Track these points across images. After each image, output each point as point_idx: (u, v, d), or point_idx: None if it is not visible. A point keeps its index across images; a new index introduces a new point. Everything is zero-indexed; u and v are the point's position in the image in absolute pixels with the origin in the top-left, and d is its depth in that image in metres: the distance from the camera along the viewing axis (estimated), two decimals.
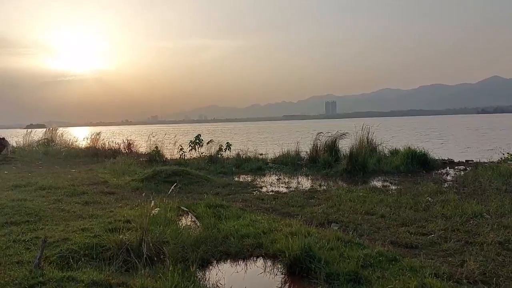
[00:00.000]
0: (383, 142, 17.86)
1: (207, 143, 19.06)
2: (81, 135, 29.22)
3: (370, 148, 16.63)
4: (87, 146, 22.34)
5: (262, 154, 20.02)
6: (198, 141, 19.18)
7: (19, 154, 20.41)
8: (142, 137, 42.92)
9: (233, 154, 18.98)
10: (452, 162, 15.87)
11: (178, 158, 18.75)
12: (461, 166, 14.99)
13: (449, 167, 14.86)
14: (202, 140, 19.37)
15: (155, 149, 18.84)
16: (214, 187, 11.78)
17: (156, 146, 18.99)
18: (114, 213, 7.88)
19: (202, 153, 19.05)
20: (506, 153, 13.63)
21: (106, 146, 22.31)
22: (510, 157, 13.23)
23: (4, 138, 20.63)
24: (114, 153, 21.51)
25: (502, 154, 13.86)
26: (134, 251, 5.54)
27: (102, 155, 20.83)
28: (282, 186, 12.08)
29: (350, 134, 17.42)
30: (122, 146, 22.62)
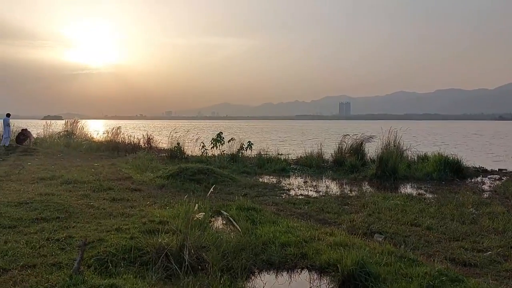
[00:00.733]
0: (411, 147, 17.33)
1: (228, 141, 18.74)
2: (98, 128, 29.21)
3: (398, 152, 16.15)
4: (108, 139, 22.19)
5: (282, 154, 19.70)
6: (219, 139, 18.87)
7: (41, 145, 20.35)
8: (158, 132, 42.94)
9: (254, 153, 18.66)
10: (485, 171, 15.31)
11: (199, 155, 18.48)
12: (495, 175, 14.43)
13: (482, 176, 14.30)
14: (223, 138, 19.06)
15: (177, 145, 18.58)
16: (240, 188, 11.45)
17: (178, 143, 18.73)
18: (146, 212, 7.58)
19: (223, 151, 18.75)
20: None
21: (126, 140, 22.16)
22: None
23: (26, 129, 20.60)
24: (134, 147, 21.37)
25: None
26: (174, 257, 5.21)
27: (122, 150, 20.71)
28: (310, 190, 11.69)
29: (376, 137, 17.00)
30: (142, 141, 22.48)
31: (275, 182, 13.07)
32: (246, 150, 18.40)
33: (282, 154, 19.37)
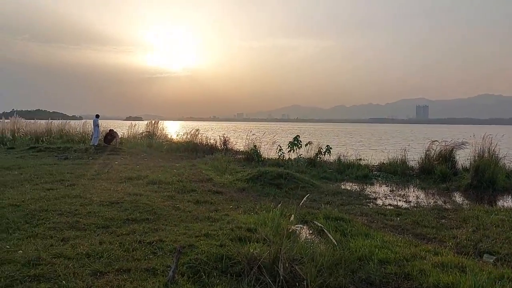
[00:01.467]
0: (507, 154, 15.72)
1: (306, 145, 18.29)
2: (175, 129, 30.14)
3: (494, 161, 14.70)
4: (187, 141, 22.75)
5: (363, 160, 18.85)
6: (296, 142, 18.48)
7: (125, 145, 21.33)
8: (233, 133, 43.55)
9: (332, 158, 18.05)
10: None
11: (276, 158, 18.24)
12: None
13: None
14: (301, 141, 18.64)
15: (254, 147, 18.50)
16: (323, 195, 10.98)
17: (254, 145, 18.66)
18: (231, 217, 7.40)
19: (300, 155, 18.36)
20: None
21: (204, 142, 22.58)
22: None
23: (113, 129, 21.72)
24: (211, 149, 21.71)
25: None
26: (267, 269, 4.91)
27: (200, 151, 21.10)
28: (399, 200, 10.92)
29: (469, 144, 15.67)
30: (218, 143, 22.79)
31: (359, 189, 12.42)
32: (325, 154, 17.84)
33: (362, 160, 18.57)
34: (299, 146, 18.42)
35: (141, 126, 27.83)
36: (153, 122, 27.18)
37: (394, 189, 12.69)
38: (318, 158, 17.60)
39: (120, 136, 23.82)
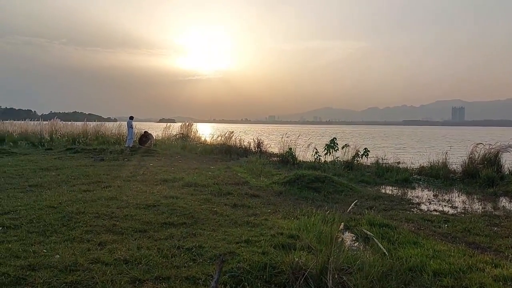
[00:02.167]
0: None
1: (342, 148, 17.80)
2: (207, 131, 30.15)
3: None
4: (221, 143, 22.65)
5: (402, 163, 18.20)
6: (333, 144, 18.00)
7: (160, 147, 21.41)
8: (266, 135, 43.31)
9: (370, 161, 17.49)
10: None
11: (312, 161, 17.84)
12: None
13: None
14: (337, 144, 18.16)
15: (289, 150, 18.17)
16: (363, 199, 10.53)
17: (289, 148, 18.32)
18: (271, 223, 7.10)
19: (336, 157, 17.89)
20: None
21: (238, 144, 22.43)
22: None
23: (147, 131, 21.88)
24: (245, 151, 21.53)
25: None
26: (314, 280, 4.59)
27: (234, 153, 20.96)
28: (444, 205, 10.33)
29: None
30: (252, 145, 22.58)
31: (400, 194, 11.87)
32: (362, 157, 17.30)
33: (401, 163, 17.88)
34: (336, 148, 17.95)
35: (174, 128, 27.99)
36: (187, 124, 27.28)
37: (437, 193, 12.06)
38: (356, 161, 17.08)
39: (154, 138, 24.01)
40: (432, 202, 10.79)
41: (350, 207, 5.43)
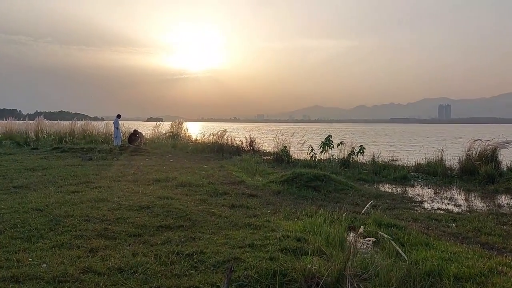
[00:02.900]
0: None
1: (337, 145, 17.46)
2: (197, 130, 29.61)
3: None
4: (212, 141, 22.14)
5: (396, 160, 17.96)
6: (328, 142, 17.64)
7: (150, 146, 20.84)
8: (256, 134, 42.85)
9: (366, 159, 17.16)
10: None
11: (307, 159, 17.45)
12: None
13: None
14: (332, 141, 17.81)
15: (284, 148, 17.77)
16: (364, 198, 10.18)
17: (284, 146, 17.92)
18: (274, 224, 6.67)
19: (332, 155, 17.55)
20: None
21: (230, 143, 21.97)
22: None
23: (137, 130, 21.29)
24: (237, 150, 21.09)
25: None
26: None
27: (226, 152, 20.51)
28: (447, 203, 10.03)
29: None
30: (244, 143, 22.16)
31: (401, 192, 11.54)
32: (357, 155, 16.96)
33: (397, 160, 17.60)
34: (331, 146, 17.60)
35: (164, 127, 27.42)
36: (177, 122, 26.72)
37: (438, 191, 11.77)
38: (351, 159, 16.74)
39: (144, 136, 23.44)
40: (434, 200, 10.49)
41: (365, 209, 5.04)
